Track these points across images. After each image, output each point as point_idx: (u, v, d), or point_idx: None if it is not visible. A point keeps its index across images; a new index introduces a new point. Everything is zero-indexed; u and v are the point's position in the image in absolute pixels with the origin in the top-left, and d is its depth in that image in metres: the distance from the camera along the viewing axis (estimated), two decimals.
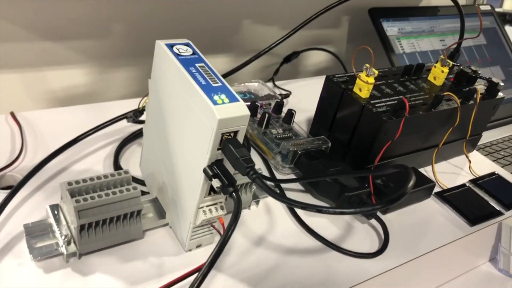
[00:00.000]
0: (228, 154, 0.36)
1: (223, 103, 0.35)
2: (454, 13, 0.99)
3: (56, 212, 0.43)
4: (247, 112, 0.36)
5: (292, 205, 0.37)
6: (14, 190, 0.45)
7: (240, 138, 0.37)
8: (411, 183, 0.35)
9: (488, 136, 0.80)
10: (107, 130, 0.57)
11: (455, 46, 0.67)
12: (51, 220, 0.42)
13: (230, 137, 0.36)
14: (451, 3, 0.71)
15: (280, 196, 0.36)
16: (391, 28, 0.93)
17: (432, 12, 1.02)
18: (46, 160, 0.49)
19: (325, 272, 0.45)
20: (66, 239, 0.40)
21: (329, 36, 0.95)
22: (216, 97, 0.35)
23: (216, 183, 0.36)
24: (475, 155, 0.70)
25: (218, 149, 0.36)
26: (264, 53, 0.78)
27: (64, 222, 0.42)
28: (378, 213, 0.53)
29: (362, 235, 0.50)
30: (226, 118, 0.34)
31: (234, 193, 0.36)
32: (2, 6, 0.59)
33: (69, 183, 0.40)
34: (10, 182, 0.49)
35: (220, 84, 0.37)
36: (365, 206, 0.51)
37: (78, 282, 0.39)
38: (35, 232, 0.41)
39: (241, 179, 0.46)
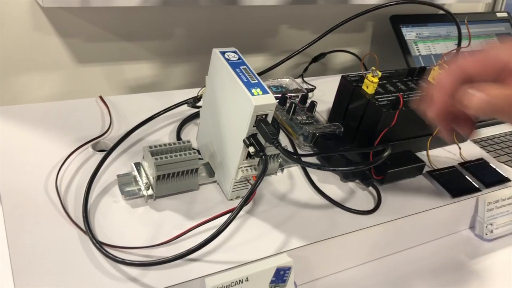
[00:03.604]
0: (260, 129, 0.52)
1: (258, 94, 0.51)
2: (471, 20, 1.12)
3: (138, 167, 0.60)
4: (274, 101, 0.52)
5: (298, 163, 0.57)
6: (108, 152, 0.63)
7: (269, 119, 0.53)
8: (385, 154, 0.50)
9: (490, 131, 0.93)
10: (171, 112, 0.74)
11: (454, 52, 0.81)
12: (135, 173, 0.60)
13: (262, 118, 0.52)
14: (470, 11, 0.84)
15: (290, 155, 0.52)
16: (409, 33, 1.07)
17: (449, 19, 1.14)
18: (129, 132, 0.67)
19: (329, 222, 0.61)
20: (146, 186, 0.58)
21: (354, 39, 1.09)
22: (253, 90, 0.52)
23: (251, 149, 0.53)
24: (468, 144, 0.84)
25: (254, 126, 0.52)
26: (296, 54, 0.93)
27: (144, 174, 0.59)
28: (376, 183, 0.68)
29: (362, 198, 0.66)
30: (259, 105, 0.51)
31: (263, 156, 0.52)
32: (91, 14, 0.77)
33: (150, 147, 0.57)
34: (103, 147, 0.67)
35: (257, 81, 0.53)
36: (366, 178, 0.67)
37: (153, 215, 0.57)
38: (124, 180, 0.59)
39: (270, 151, 0.62)
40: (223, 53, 0.57)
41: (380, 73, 0.69)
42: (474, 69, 0.43)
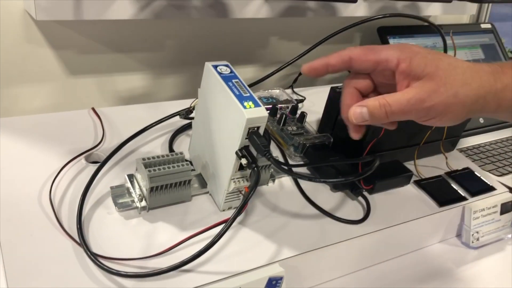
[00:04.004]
0: (252, 142, 0.53)
1: (250, 107, 0.53)
2: (456, 31, 1.15)
3: (131, 179, 0.61)
4: (266, 114, 0.53)
5: (290, 175, 0.63)
6: (101, 164, 0.63)
7: (261, 131, 0.54)
8: (374, 165, 0.52)
9: (475, 140, 0.96)
10: (164, 124, 0.75)
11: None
12: (128, 184, 0.60)
13: (254, 130, 0.53)
14: (455, 22, 0.86)
15: (281, 166, 0.54)
16: None
17: (435, 30, 1.17)
18: (122, 144, 0.68)
19: (320, 231, 0.62)
20: (139, 197, 0.59)
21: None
22: (245, 103, 0.53)
23: (244, 161, 0.54)
24: (455, 153, 0.86)
25: (246, 138, 0.54)
26: (287, 66, 0.95)
27: (137, 186, 0.60)
28: (365, 193, 0.69)
29: (351, 208, 0.67)
30: (251, 118, 0.52)
31: (255, 168, 0.53)
32: (83, 26, 0.78)
33: (143, 159, 0.58)
34: (95, 159, 0.67)
35: (248, 94, 0.55)
36: (355, 188, 0.68)
37: (147, 226, 0.58)
38: (117, 192, 0.60)
39: (262, 162, 0.64)
40: (215, 67, 0.58)
41: None
42: (362, 64, 0.49)
